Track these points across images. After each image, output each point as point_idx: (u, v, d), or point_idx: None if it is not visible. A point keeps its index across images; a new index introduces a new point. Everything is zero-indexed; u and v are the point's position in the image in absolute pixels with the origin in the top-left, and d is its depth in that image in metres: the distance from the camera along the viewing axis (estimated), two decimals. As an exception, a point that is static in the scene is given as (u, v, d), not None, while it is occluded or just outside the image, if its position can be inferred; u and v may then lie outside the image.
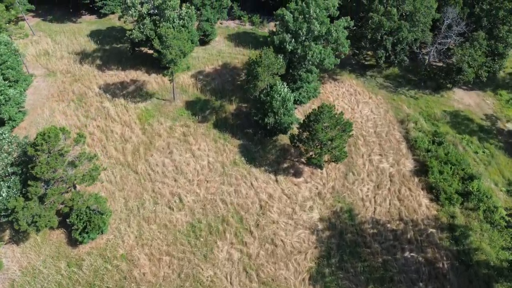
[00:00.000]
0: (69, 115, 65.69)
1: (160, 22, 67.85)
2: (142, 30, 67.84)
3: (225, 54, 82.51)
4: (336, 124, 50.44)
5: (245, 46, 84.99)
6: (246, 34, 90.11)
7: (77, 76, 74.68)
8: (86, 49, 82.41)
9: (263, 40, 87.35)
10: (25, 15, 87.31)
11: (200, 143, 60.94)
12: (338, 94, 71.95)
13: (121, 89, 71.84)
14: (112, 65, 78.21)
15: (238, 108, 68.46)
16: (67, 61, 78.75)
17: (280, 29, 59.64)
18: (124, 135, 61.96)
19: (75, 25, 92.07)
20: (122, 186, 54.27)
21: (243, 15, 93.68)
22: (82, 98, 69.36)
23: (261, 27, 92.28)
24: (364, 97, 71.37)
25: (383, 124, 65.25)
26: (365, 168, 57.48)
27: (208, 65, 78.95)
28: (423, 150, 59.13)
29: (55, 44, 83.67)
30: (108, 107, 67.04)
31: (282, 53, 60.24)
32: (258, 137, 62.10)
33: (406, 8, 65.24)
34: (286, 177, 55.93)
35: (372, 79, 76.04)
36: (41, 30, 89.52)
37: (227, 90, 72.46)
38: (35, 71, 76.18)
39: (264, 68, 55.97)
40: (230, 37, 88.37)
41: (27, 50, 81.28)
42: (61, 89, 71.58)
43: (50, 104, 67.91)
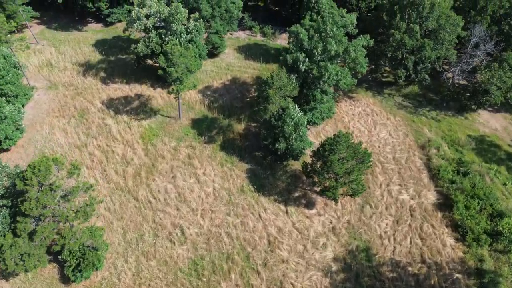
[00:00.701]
0: (69, 132, 62.39)
1: (166, 35, 64.25)
2: (147, 44, 64.27)
3: (234, 67, 78.61)
4: (353, 155, 46.13)
5: (256, 59, 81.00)
6: (257, 46, 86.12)
7: (80, 90, 71.46)
8: (90, 60, 79.23)
9: (274, 53, 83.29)
10: (28, 23, 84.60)
11: (205, 167, 57.08)
12: (353, 114, 67.52)
13: (124, 104, 68.37)
14: (117, 77, 74.86)
15: (246, 127, 64.48)
16: (70, 73, 75.62)
17: (294, 47, 55.52)
18: (126, 156, 58.40)
19: (81, 34, 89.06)
20: (121, 214, 50.64)
21: (254, 26, 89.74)
22: (83, 114, 66.03)
23: (273, 39, 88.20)
24: (381, 117, 66.81)
25: (402, 149, 60.67)
26: (384, 199, 53.02)
27: (217, 79, 75.12)
28: (446, 181, 54.46)
29: (59, 54, 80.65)
30: (110, 124, 63.60)
31: (295, 72, 56.13)
32: (267, 161, 58.06)
33: (430, 25, 60.62)
34: (297, 208, 51.76)
35: (390, 97, 71.43)
36: (45, 39, 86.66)
37: (235, 107, 68.53)
38: (36, 83, 73.18)
39: (276, 90, 51.93)
40: (240, 49, 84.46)
41: (30, 60, 78.42)
42: (62, 103, 68.38)
43: (50, 120, 64.69)
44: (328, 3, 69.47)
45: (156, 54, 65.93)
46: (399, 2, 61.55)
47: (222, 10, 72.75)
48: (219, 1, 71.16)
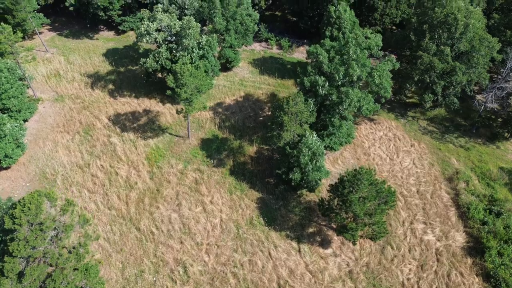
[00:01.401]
0: (72, 150, 59.42)
1: (177, 50, 60.74)
2: (157, 59, 60.88)
3: (248, 83, 74.70)
4: (376, 196, 41.56)
5: (271, 74, 76.94)
6: (272, 59, 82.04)
7: (87, 103, 68.58)
8: (99, 71, 76.42)
9: (291, 68, 79.13)
10: (38, 30, 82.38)
11: (213, 194, 53.25)
12: (374, 138, 62.77)
13: (132, 120, 65.14)
14: (125, 90, 71.80)
15: (258, 150, 60.42)
16: (78, 84, 72.92)
17: (312, 69, 51.20)
18: (130, 179, 55.03)
19: (91, 42, 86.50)
20: (121, 246, 47.17)
21: (270, 38, 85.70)
22: (89, 129, 63.04)
23: (289, 52, 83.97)
24: (405, 143, 61.90)
25: (427, 181, 55.70)
26: (407, 240, 48.24)
27: (229, 95, 71.31)
28: (477, 222, 49.37)
29: (68, 64, 78.10)
30: (115, 143, 60.39)
31: (313, 96, 51.83)
32: (280, 190, 53.89)
33: (462, 47, 55.51)
34: (311, 247, 47.43)
35: (414, 121, 66.39)
36: (55, 46, 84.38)
37: (247, 127, 64.57)
38: (43, 94, 70.67)
39: (292, 116, 47.72)
40: (255, 63, 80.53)
41: (38, 70, 76.11)
42: (68, 117, 65.58)
43: (54, 136, 61.89)
44: (350, 18, 65.01)
45: (167, 69, 62.65)
46: (428, 21, 56.64)
47: (237, 23, 68.93)
48: (234, 13, 67.36)
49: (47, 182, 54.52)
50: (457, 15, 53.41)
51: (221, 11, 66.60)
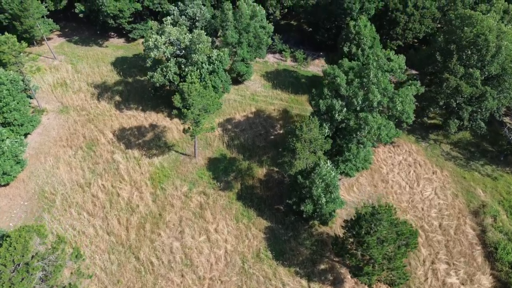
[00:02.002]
0: (74, 167, 56.89)
1: (186, 65, 57.68)
2: (164, 74, 57.95)
3: (260, 97, 71.26)
4: (396, 238, 37.63)
5: (284, 89, 73.34)
6: (286, 72, 78.42)
7: (92, 115, 66.10)
8: (107, 81, 73.97)
9: (305, 82, 75.43)
10: (47, 37, 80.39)
11: (218, 222, 49.96)
12: (393, 163, 58.64)
13: (137, 136, 62.36)
14: (132, 103, 69.12)
15: (268, 173, 56.93)
16: (84, 95, 70.55)
17: (329, 92, 47.44)
18: (132, 201, 52.16)
19: (101, 50, 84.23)
20: (118, 277, 44.22)
21: (285, 50, 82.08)
22: (92, 145, 60.48)
23: (304, 65, 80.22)
24: (426, 170, 57.60)
25: (451, 214, 51.39)
26: (428, 282, 44.13)
27: (239, 111, 67.97)
28: (505, 264, 44.95)
29: (75, 73, 75.89)
30: (119, 160, 57.65)
31: (329, 120, 48.07)
32: (290, 219, 50.30)
33: (493, 70, 51.01)
34: (322, 286, 43.67)
35: (437, 145, 61.98)
36: (64, 53, 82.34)
37: (257, 146, 61.13)
38: (48, 104, 68.48)
39: (305, 144, 44.09)
40: (267, 76, 77.05)
41: (45, 78, 74.06)
42: (71, 131, 63.17)
43: (56, 151, 59.48)
44: (371, 34, 61.02)
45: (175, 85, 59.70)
46: (456, 41, 52.32)
47: (250, 36, 65.53)
48: (247, 26, 63.96)
49: (45, 202, 52.02)
50: (488, 36, 49.01)
51: (234, 24, 63.29)
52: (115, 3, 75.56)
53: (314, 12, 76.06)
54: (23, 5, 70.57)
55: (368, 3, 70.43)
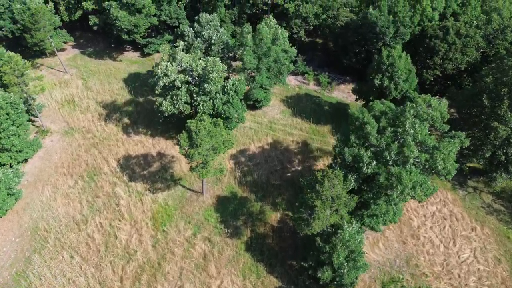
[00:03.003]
0: (72, 199, 52.60)
1: (198, 94, 52.44)
2: (174, 102, 52.90)
3: (278, 126, 65.33)
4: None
5: (305, 117, 67.19)
6: (308, 98, 72.20)
7: (98, 139, 61.85)
8: (117, 100, 69.75)
9: (328, 110, 69.06)
10: (60, 48, 76.89)
11: (222, 277, 44.40)
12: (425, 215, 51.64)
13: (142, 165, 57.60)
14: (141, 126, 64.53)
15: (282, 219, 51.01)
16: (91, 115, 66.49)
17: (356, 139, 41.05)
18: (130, 245, 47.25)
19: (114, 64, 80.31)
20: None
21: (308, 72, 75.86)
22: (94, 174, 56.09)
23: (328, 90, 73.78)
24: (464, 226, 50.36)
25: (492, 285, 44.09)
26: None
27: (255, 141, 62.29)
28: None
29: (85, 90, 72.05)
30: (120, 195, 52.99)
31: (355, 172, 41.67)
32: (304, 281, 44.17)
33: (553, 119, 43.39)
34: None
35: (477, 194, 54.52)
36: (76, 66, 78.84)
37: (272, 185, 55.30)
38: (53, 124, 64.71)
39: (326, 202, 37.91)
40: (287, 101, 71.07)
41: (53, 94, 70.56)
42: (74, 156, 59.03)
43: (55, 179, 55.37)
44: (406, 66, 54.19)
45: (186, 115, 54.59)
46: (508, 84, 44.92)
47: (270, 61, 59.78)
48: (268, 50, 58.19)
49: (37, 241, 47.75)
50: (550, 80, 41.53)
51: (253, 48, 57.66)
52: (129, 18, 71.27)
53: (343, 34, 69.55)
54: (34, 17, 67.16)
55: (404, 27, 63.50)
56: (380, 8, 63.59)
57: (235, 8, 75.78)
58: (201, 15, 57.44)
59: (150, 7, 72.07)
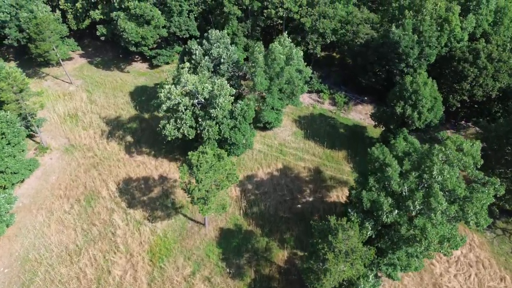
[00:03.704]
0: (66, 226, 49.53)
1: (203, 119, 48.66)
2: (178, 127, 49.23)
3: (289, 149, 61.09)
4: None
5: (318, 140, 62.74)
6: (322, 118, 67.72)
7: (98, 158, 58.76)
8: (121, 116, 66.62)
9: (344, 133, 64.46)
10: (66, 58, 74.17)
11: (222, 326, 40.45)
12: (449, 260, 46.71)
13: (143, 190, 54.18)
14: (144, 145, 61.18)
15: (290, 259, 46.77)
16: (93, 131, 63.49)
17: (375, 183, 36.58)
18: (123, 282, 43.79)
19: (121, 75, 77.37)
20: None
21: (323, 90, 71.35)
22: (91, 198, 52.95)
23: (345, 111, 69.15)
24: (492, 275, 45.29)
25: None
26: None
27: (263, 166, 58.20)
28: None
29: (89, 103, 69.20)
30: (117, 223, 49.65)
31: (372, 218, 37.20)
32: (311, 333, 39.80)
33: None
34: None
35: (506, 237, 49.33)
36: (82, 77, 76.18)
37: (280, 218, 51.15)
38: (53, 140, 61.94)
39: (340, 256, 33.58)
40: (300, 121, 66.75)
41: (56, 107, 67.93)
42: (73, 177, 56.04)
43: (51, 202, 52.44)
44: (431, 94, 49.38)
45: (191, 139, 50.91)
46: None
47: (282, 82, 55.65)
48: (281, 71, 54.07)
49: (27, 274, 44.69)
50: None
51: (264, 69, 53.63)
52: (137, 30, 68.09)
53: (362, 52, 64.85)
54: (39, 27, 64.58)
55: (429, 48, 58.52)
56: (404, 27, 58.75)
57: (248, 21, 71.86)
58: (210, 31, 53.71)
59: (159, 18, 68.80)
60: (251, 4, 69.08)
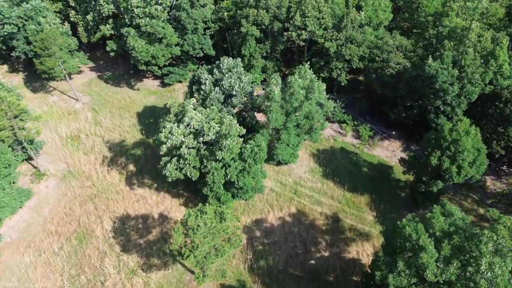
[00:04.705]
0: (53, 270, 45.06)
1: (208, 160, 43.13)
2: (181, 167, 43.90)
3: (304, 189, 54.92)
4: None
5: (338, 181, 56.29)
6: (343, 153, 61.13)
7: (96, 189, 54.26)
8: (125, 140, 62.05)
9: (367, 172, 57.78)
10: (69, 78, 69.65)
11: None
12: None
13: (140, 231, 49.21)
14: (147, 177, 56.31)
15: (299, 328, 40.64)
16: (95, 158, 59.12)
17: (405, 267, 30.03)
18: None
19: (130, 93, 72.98)
20: None
21: (346, 121, 64.71)
22: (84, 237, 48.37)
23: (369, 146, 62.32)
24: None
25: None
26: None
27: (275, 209, 52.26)
28: None
29: (94, 125, 64.97)
30: (108, 271, 44.80)
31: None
32: None
33: None
34: None
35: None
36: (90, 94, 72.19)
37: (290, 276, 45.08)
38: (52, 165, 57.88)
39: None
40: (319, 156, 60.41)
41: (59, 127, 64.02)
42: (67, 210, 51.68)
43: (40, 240, 48.20)
44: (474, 145, 42.22)
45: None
46: None
47: (300, 118, 49.61)
48: (300, 106, 48.02)
49: (3, 327, 40.34)
50: None
51: (281, 103, 47.73)
52: (148, 48, 63.39)
53: (392, 83, 58.01)
54: (44, 42, 60.73)
55: (471, 85, 51.19)
56: (443, 60, 51.64)
57: (267, 42, 66.07)
58: (222, 59, 48.19)
59: (172, 36, 63.89)
60: (271, 25, 63.33)
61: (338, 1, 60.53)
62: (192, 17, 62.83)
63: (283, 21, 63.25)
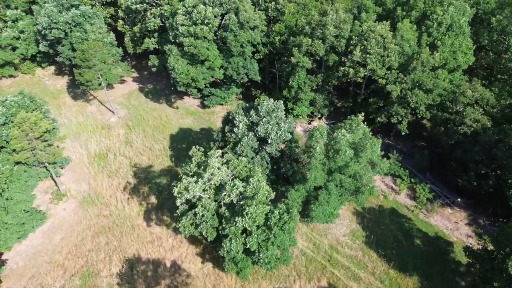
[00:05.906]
0: (50, 313, 41.15)
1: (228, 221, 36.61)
2: (197, 223, 37.84)
3: (341, 257, 46.64)
4: None
5: (383, 253, 47.42)
6: (393, 217, 51.74)
7: (111, 222, 50.32)
8: (153, 167, 57.76)
9: (421, 246, 48.11)
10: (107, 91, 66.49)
11: None
12: None
13: (148, 281, 44.26)
14: (166, 214, 51.40)
15: None
16: (118, 182, 55.40)
17: None
18: None
19: (168, 112, 68.87)
20: None
21: (402, 175, 55.13)
22: (89, 276, 44.39)
23: (427, 211, 52.28)
24: None
25: None
26: None
27: (302, 278, 44.82)
28: None
29: (124, 144, 61.51)
30: (104, 325, 40.01)
31: None
32: None
33: None
34: None
35: None
36: (127, 107, 69.12)
37: None
38: (74, 185, 54.97)
39: None
40: (363, 215, 51.76)
41: (89, 143, 61.25)
42: (78, 241, 48.10)
43: (45, 272, 44.90)
44: None
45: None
46: None
47: (345, 177, 41.48)
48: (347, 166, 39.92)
49: None
50: None
51: (323, 160, 39.96)
52: (188, 69, 58.49)
53: (465, 144, 47.71)
54: (85, 54, 58.05)
55: None
56: (538, 127, 40.73)
57: (320, 74, 58.29)
58: (261, 103, 41.31)
59: (215, 59, 58.43)
60: (326, 56, 55.50)
61: (408, 38, 51.14)
62: (239, 40, 56.78)
63: (340, 54, 55.17)
